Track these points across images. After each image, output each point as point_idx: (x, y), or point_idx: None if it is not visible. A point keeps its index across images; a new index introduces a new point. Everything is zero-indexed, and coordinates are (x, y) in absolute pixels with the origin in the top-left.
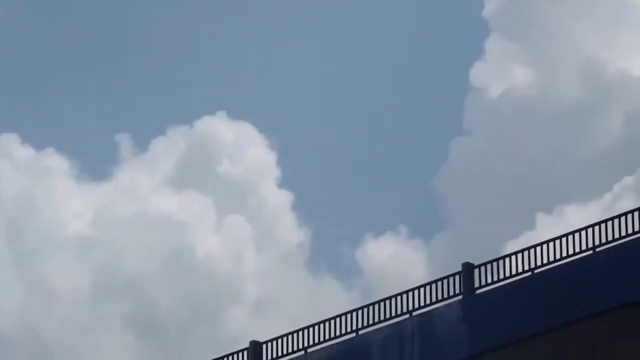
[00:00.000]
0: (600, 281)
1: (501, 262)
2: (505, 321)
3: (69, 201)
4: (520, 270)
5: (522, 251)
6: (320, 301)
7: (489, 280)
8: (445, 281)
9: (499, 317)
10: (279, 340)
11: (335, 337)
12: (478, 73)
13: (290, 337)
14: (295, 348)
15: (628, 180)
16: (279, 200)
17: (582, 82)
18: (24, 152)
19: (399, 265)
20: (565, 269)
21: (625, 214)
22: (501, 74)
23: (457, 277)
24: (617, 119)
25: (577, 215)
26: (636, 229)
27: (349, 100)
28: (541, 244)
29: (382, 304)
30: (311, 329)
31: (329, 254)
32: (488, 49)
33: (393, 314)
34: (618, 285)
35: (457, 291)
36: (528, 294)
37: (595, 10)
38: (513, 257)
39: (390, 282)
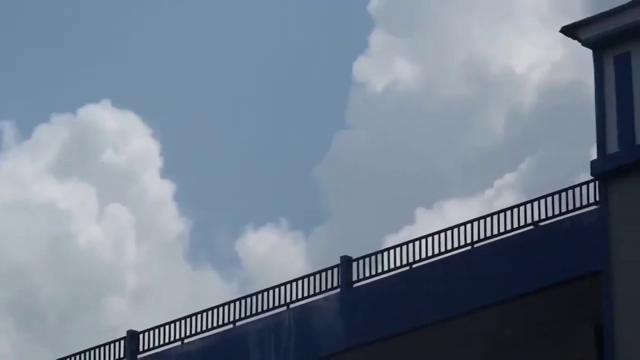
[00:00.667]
0: (478, 277)
1: (380, 255)
2: (383, 315)
3: None
4: (398, 264)
5: (400, 245)
6: (200, 292)
7: (367, 274)
8: (323, 274)
9: (377, 310)
10: (156, 330)
11: (213, 328)
12: (361, 67)
13: (167, 327)
14: (172, 338)
15: (509, 177)
16: (161, 190)
17: (465, 79)
18: None
19: (279, 257)
20: (444, 263)
21: (505, 210)
22: (385, 68)
23: (335, 270)
24: (499, 116)
25: (457, 211)
26: (515, 225)
27: (232, 91)
28: (420, 239)
29: (259, 295)
30: (188, 320)
31: (209, 244)
32: (372, 44)
33: (270, 305)
34: (495, 281)
35: (335, 284)
36: (406, 288)
37: (479, 6)
38: (392, 251)
39: (270, 274)
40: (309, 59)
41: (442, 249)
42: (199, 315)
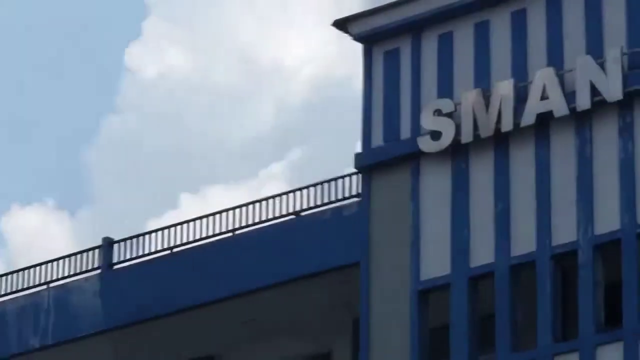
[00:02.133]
0: (239, 263)
1: (142, 239)
2: (143, 297)
3: None
4: (160, 247)
5: (162, 229)
6: None
7: (129, 256)
8: (84, 255)
9: (137, 293)
10: None
11: None
12: (134, 53)
13: None
14: None
15: (275, 167)
16: None
17: (237, 69)
18: None
19: (44, 236)
20: (206, 248)
21: (267, 198)
22: (158, 55)
23: (96, 251)
24: (269, 106)
25: (222, 198)
26: (277, 214)
27: (1, 69)
28: (182, 223)
29: (20, 274)
30: None
31: None
32: (145, 31)
33: (31, 284)
34: (256, 268)
35: (97, 265)
36: (167, 272)
37: None
38: (154, 235)
39: (34, 253)
40: (79, 42)
41: (205, 234)
42: None
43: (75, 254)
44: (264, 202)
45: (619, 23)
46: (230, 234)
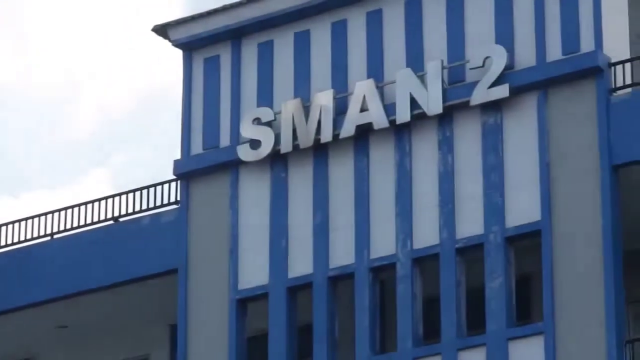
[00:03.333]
0: (56, 267)
1: None
2: None
3: None
4: None
5: None
6: None
7: None
8: None
9: None
10: None
11: None
12: None
13: None
14: None
15: (96, 172)
16: None
17: (59, 72)
18: None
19: None
20: (24, 252)
21: (85, 203)
22: None
23: None
24: (90, 110)
25: (41, 202)
26: (95, 219)
27: None
28: (0, 226)
29: None
30: None
31: None
32: None
33: None
34: (73, 273)
35: None
36: None
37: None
38: None
39: None
40: None
41: (23, 238)
42: None
43: None
44: (82, 207)
45: (440, 37)
46: (48, 238)
